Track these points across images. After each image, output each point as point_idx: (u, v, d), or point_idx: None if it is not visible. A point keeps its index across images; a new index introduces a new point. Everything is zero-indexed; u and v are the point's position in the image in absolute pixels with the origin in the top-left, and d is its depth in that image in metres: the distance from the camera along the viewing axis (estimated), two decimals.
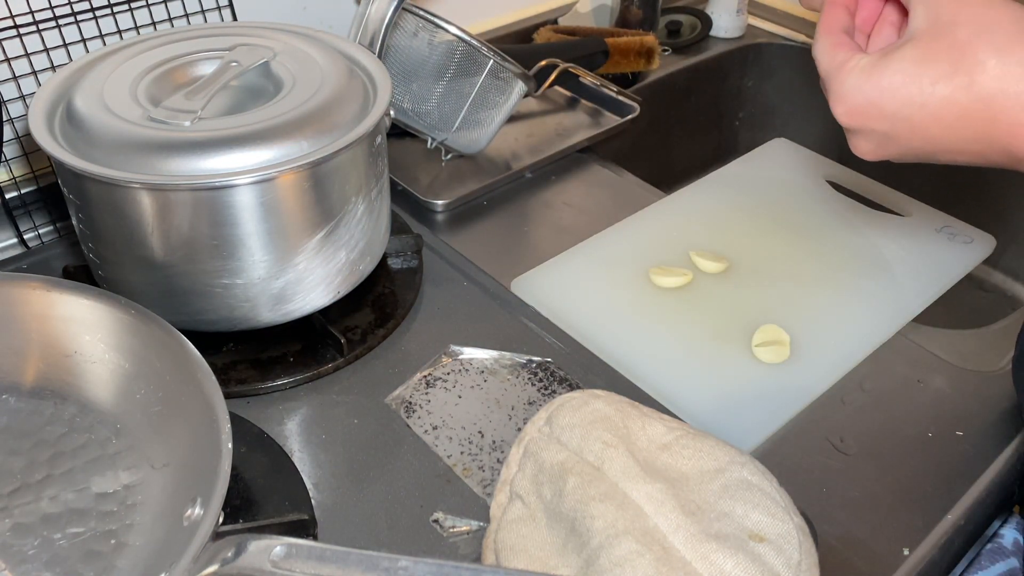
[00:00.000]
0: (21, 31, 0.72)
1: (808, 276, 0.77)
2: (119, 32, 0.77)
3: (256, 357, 0.65)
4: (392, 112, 0.67)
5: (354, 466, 0.58)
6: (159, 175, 0.55)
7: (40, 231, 0.78)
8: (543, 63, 0.89)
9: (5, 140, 0.72)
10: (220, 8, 0.82)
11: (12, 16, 0.71)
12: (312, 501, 0.56)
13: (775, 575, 0.44)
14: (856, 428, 0.63)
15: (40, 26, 0.73)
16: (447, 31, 0.79)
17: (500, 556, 0.50)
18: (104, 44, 0.76)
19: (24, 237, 0.77)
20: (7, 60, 0.73)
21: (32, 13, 0.72)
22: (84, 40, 0.76)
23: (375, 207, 0.65)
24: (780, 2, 1.24)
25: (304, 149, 0.58)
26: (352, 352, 0.65)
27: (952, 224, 0.84)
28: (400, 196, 0.84)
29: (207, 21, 0.82)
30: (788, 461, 0.60)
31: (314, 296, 0.63)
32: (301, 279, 0.62)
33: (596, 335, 0.69)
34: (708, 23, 1.18)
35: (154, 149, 0.56)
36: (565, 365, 0.66)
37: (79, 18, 0.75)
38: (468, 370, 0.66)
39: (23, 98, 0.74)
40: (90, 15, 0.75)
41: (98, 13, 0.76)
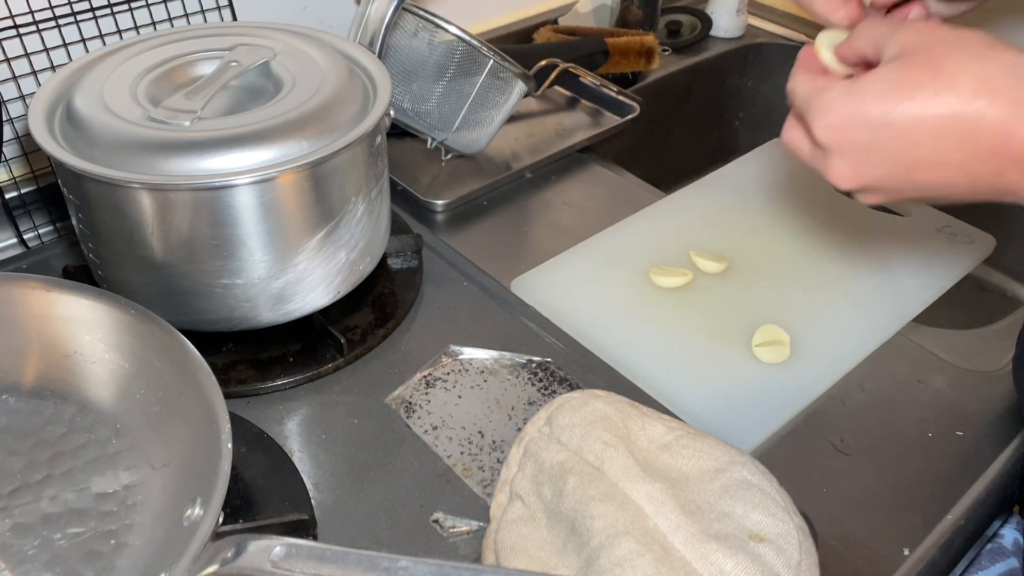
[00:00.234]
0: (21, 31, 0.72)
1: (808, 276, 0.77)
2: (119, 32, 0.77)
3: (256, 357, 0.65)
4: (392, 112, 0.67)
5: (354, 466, 0.58)
6: (159, 175, 0.55)
7: (40, 231, 0.78)
8: (543, 63, 0.89)
9: (5, 140, 0.72)
10: (220, 8, 0.82)
11: (12, 16, 0.71)
12: (312, 501, 0.56)
13: (775, 575, 0.44)
14: (856, 428, 0.63)
15: (40, 26, 0.73)
16: (447, 31, 0.79)
17: (500, 556, 0.50)
18: (104, 44, 0.76)
19: (24, 237, 0.77)
20: (7, 60, 0.73)
21: (32, 13, 0.72)
22: (84, 40, 0.76)
23: (375, 207, 0.65)
24: (780, 2, 1.24)
25: (304, 149, 0.58)
26: (352, 352, 0.65)
27: (952, 224, 0.84)
28: (400, 196, 0.84)
29: (207, 21, 0.82)
30: (788, 461, 0.60)
31: (314, 296, 0.63)
32: (301, 279, 0.62)
33: (596, 335, 0.69)
34: (708, 23, 1.18)
35: (154, 149, 0.56)
36: (565, 365, 0.66)
37: (79, 18, 0.75)
38: (468, 370, 0.66)
39: (23, 98, 0.74)
40: (90, 15, 0.75)
41: (98, 13, 0.76)
